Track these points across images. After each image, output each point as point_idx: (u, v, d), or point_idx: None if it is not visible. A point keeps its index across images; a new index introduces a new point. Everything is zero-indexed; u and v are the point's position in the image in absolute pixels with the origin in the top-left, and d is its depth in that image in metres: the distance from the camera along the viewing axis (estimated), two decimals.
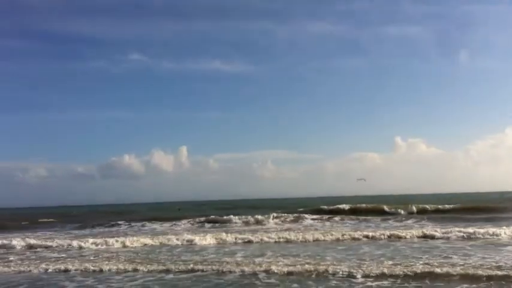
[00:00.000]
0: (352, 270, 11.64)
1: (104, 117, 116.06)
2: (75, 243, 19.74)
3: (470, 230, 19.13)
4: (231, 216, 31.32)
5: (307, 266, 12.54)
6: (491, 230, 18.93)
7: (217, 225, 29.32)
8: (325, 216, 31.16)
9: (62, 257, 16.80)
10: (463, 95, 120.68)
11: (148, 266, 13.75)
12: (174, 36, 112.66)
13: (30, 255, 17.66)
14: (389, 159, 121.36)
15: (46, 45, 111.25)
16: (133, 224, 31.04)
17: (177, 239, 20.06)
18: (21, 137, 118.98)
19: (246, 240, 19.42)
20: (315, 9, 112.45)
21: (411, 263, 12.50)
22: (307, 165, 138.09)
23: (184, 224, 30.17)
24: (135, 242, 19.88)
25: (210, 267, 13.08)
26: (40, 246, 19.83)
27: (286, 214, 32.16)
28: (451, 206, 36.37)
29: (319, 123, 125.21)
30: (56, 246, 19.62)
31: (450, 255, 13.83)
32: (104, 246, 19.30)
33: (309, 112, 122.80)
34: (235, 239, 19.77)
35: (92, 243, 19.60)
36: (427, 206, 35.86)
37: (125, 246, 19.32)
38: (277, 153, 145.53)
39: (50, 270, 13.95)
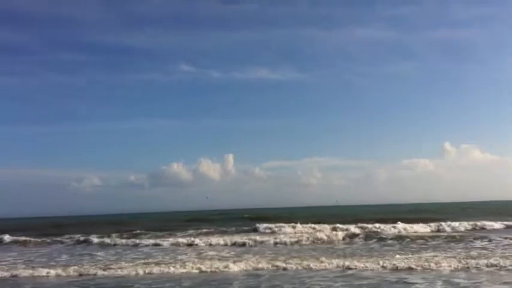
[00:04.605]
0: None
1: (154, 127, 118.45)
2: None
3: None
4: None
5: None
6: None
7: None
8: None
9: None
10: None
11: None
12: (221, 46, 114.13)
13: None
14: (441, 165, 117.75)
15: (98, 57, 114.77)
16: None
17: None
18: (76, 147, 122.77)
19: None
20: (360, 15, 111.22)
21: None
22: (356, 172, 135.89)
23: None
24: None
25: None
26: None
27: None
28: None
29: (368, 130, 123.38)
30: None
31: None
32: None
33: (358, 118, 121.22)
34: None
35: None
36: None
37: None
38: (325, 161, 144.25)
39: None
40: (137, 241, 25.78)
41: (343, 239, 24.03)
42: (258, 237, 24.83)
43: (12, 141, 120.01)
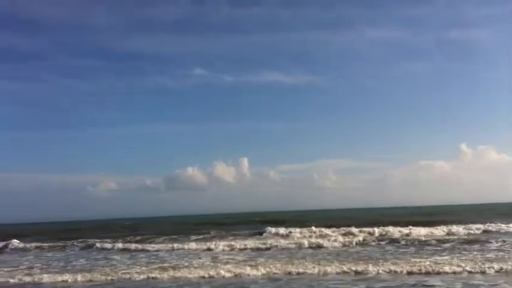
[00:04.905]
0: None
1: (169, 131, 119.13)
2: None
3: None
4: None
5: None
6: None
7: None
8: None
9: None
10: None
11: None
12: (233, 50, 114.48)
13: None
14: (458, 167, 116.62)
15: (111, 63, 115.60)
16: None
17: None
18: (92, 152, 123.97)
19: None
20: (372, 17, 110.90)
21: None
22: (372, 175, 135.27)
23: None
24: None
25: None
26: None
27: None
28: None
29: (383, 131, 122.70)
30: None
31: None
32: None
33: (372, 120, 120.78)
34: None
35: None
36: None
37: None
38: (340, 163, 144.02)
39: None
40: (152, 245, 25.92)
41: (358, 242, 23.88)
42: (271, 241, 24.81)
43: (26, 146, 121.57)
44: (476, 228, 28.07)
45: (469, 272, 14.01)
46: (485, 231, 27.19)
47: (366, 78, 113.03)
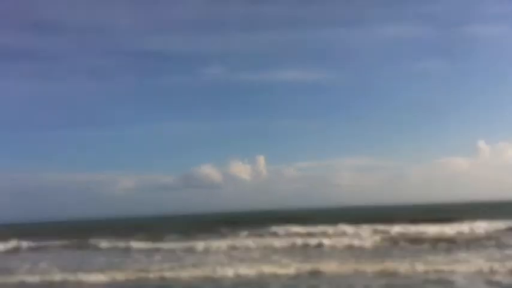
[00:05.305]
0: None
1: (185, 129, 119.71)
2: None
3: None
4: None
5: None
6: None
7: None
8: None
9: None
10: None
11: None
12: (250, 47, 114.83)
13: None
14: (475, 164, 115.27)
15: (128, 62, 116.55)
16: None
17: None
18: (108, 150, 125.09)
19: None
20: (390, 13, 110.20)
21: None
22: (389, 172, 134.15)
23: None
24: None
25: None
26: None
27: None
28: None
29: (400, 129, 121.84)
30: None
31: None
32: None
33: (389, 117, 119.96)
34: None
35: None
36: None
37: None
38: (357, 161, 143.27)
39: None
40: (169, 244, 26.00)
41: (374, 240, 23.69)
42: (286, 239, 24.81)
43: (43, 145, 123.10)
44: (495, 225, 27.73)
45: (487, 269, 13.87)
46: (504, 229, 26.85)
47: (384, 76, 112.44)
